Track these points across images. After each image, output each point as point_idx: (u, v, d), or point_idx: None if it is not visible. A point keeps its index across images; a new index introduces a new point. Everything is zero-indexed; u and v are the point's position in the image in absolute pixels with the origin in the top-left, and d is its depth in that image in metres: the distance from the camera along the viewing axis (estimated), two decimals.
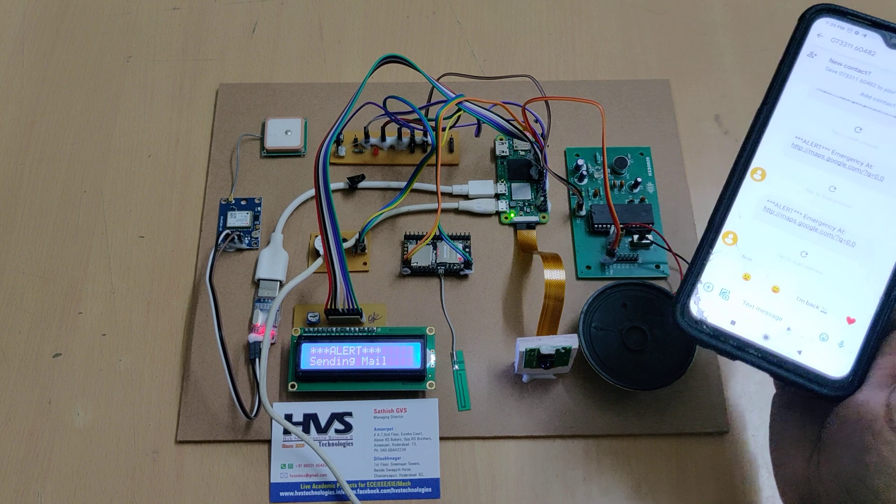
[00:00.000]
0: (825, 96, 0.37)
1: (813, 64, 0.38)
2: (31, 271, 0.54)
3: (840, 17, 0.38)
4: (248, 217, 0.54)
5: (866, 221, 0.35)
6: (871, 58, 0.37)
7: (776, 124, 0.37)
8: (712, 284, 0.36)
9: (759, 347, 0.35)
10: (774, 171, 0.37)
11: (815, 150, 0.37)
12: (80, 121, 0.59)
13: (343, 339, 0.49)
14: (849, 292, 0.35)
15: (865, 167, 0.36)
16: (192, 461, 0.48)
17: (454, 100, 0.49)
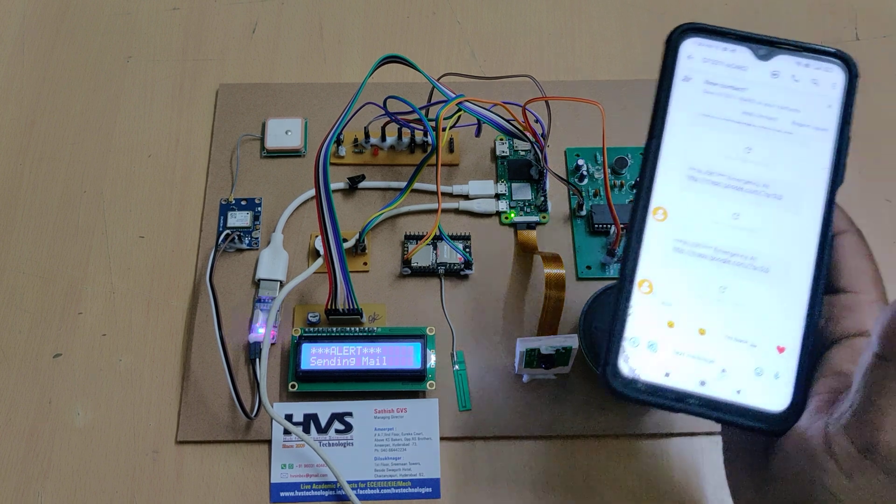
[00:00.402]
0: (709, 120, 0.36)
1: (690, 88, 0.36)
2: (31, 271, 0.54)
3: (706, 35, 0.37)
4: (249, 217, 0.54)
5: (774, 244, 0.34)
6: (743, 73, 0.36)
7: (667, 158, 0.35)
8: (638, 339, 0.34)
9: (699, 395, 0.33)
10: (675, 208, 0.35)
11: (711, 179, 0.35)
12: (80, 121, 0.59)
13: (343, 339, 0.49)
14: (773, 320, 0.34)
15: (763, 188, 0.35)
16: (193, 461, 0.48)
17: (454, 100, 0.49)
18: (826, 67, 0.35)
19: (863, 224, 0.56)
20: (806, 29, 0.62)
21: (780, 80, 0.36)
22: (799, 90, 0.36)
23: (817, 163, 0.35)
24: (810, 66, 0.36)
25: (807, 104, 0.35)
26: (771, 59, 0.36)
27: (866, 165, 0.57)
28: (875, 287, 0.34)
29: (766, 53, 0.36)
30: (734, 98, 0.36)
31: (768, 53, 0.36)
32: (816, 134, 0.35)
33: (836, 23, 0.63)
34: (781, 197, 0.35)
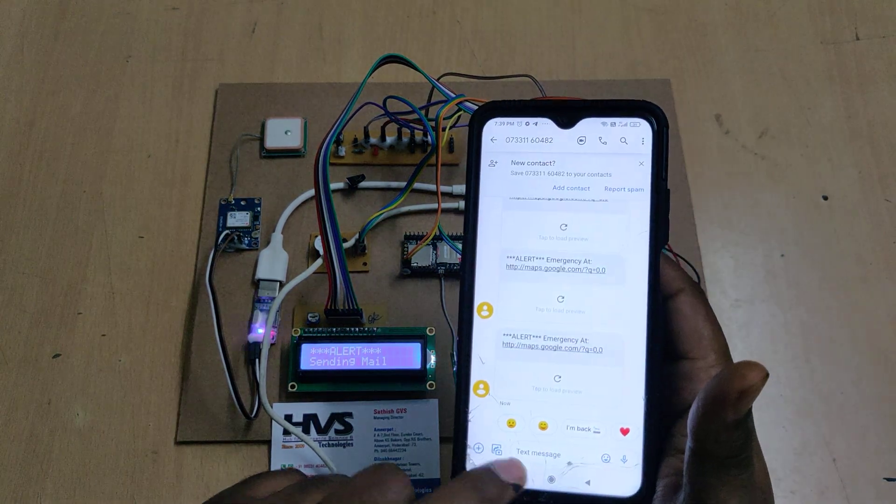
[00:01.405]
0: (520, 203, 0.34)
1: (497, 173, 0.34)
2: (31, 271, 0.54)
3: (505, 113, 0.34)
4: (248, 217, 0.54)
5: (604, 322, 0.32)
6: (549, 146, 0.34)
7: (484, 250, 0.34)
8: (482, 444, 0.33)
9: (549, 492, 0.32)
10: (499, 301, 0.33)
11: (530, 265, 0.33)
12: (80, 121, 0.59)
13: (343, 340, 0.49)
14: (614, 402, 0.32)
15: (584, 264, 0.33)
16: (192, 462, 0.48)
17: (454, 100, 0.49)
18: (632, 123, 0.33)
19: (862, 224, 0.56)
20: (806, 29, 0.62)
21: (588, 146, 0.34)
22: (608, 153, 0.33)
23: (636, 226, 0.33)
24: (616, 124, 0.33)
25: (617, 167, 0.33)
26: (575, 125, 0.34)
27: (866, 165, 0.57)
28: (714, 351, 0.32)
29: (568, 121, 0.34)
30: (542, 174, 0.34)
31: (570, 120, 0.34)
32: (631, 196, 0.33)
33: (836, 23, 0.63)
34: (604, 270, 0.33)
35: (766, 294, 0.53)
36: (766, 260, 0.54)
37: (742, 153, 0.58)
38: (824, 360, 0.51)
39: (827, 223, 0.55)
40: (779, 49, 0.62)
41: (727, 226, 0.55)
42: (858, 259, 0.54)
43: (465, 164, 0.56)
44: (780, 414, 0.50)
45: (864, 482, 0.48)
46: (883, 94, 0.60)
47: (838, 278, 0.54)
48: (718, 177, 0.57)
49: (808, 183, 0.57)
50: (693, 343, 0.32)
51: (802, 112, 0.59)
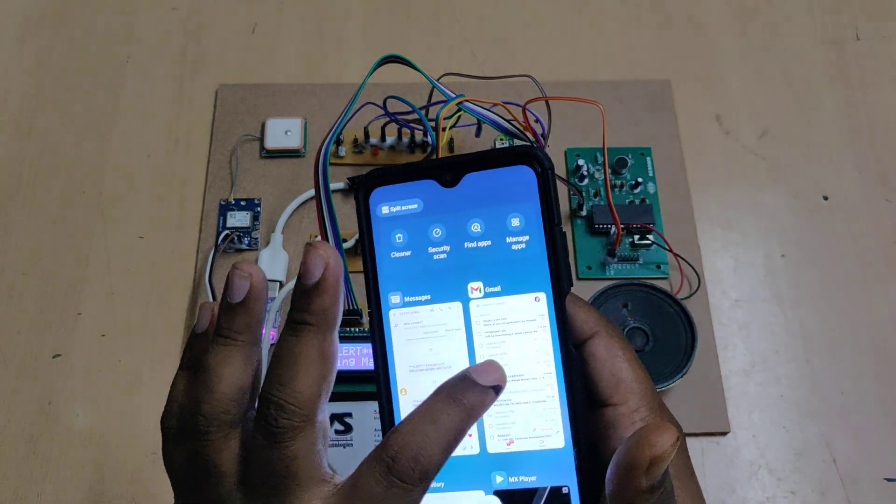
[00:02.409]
0: (417, 281, 0.33)
1: (389, 256, 0.34)
2: (31, 271, 0.54)
3: (387, 182, 0.33)
4: (248, 217, 0.54)
5: (520, 375, 0.31)
6: (436, 206, 0.32)
7: (394, 355, 0.32)
8: None
9: None
10: (413, 385, 0.32)
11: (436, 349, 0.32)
12: (80, 121, 0.59)
13: (343, 340, 0.49)
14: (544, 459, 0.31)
15: (492, 325, 0.31)
16: None
17: (454, 100, 0.49)
18: (516, 171, 0.32)
19: (862, 224, 0.56)
20: (806, 29, 0.62)
21: (474, 201, 0.32)
22: (495, 205, 0.32)
23: (537, 276, 0.31)
24: (502, 174, 0.32)
25: (507, 217, 0.32)
26: (459, 182, 0.32)
27: (866, 165, 0.57)
28: (634, 393, 0.30)
29: (452, 178, 0.32)
30: (435, 246, 0.32)
31: (454, 178, 0.32)
32: (528, 244, 0.31)
33: (836, 23, 0.63)
34: (508, 330, 0.31)
35: (766, 294, 0.53)
36: (767, 260, 0.54)
37: (742, 153, 0.58)
38: (824, 360, 0.51)
39: (827, 223, 0.55)
40: (779, 49, 0.62)
41: (727, 226, 0.55)
42: (858, 259, 0.54)
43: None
44: (780, 414, 0.50)
45: (864, 482, 0.48)
46: (883, 94, 0.60)
47: (838, 278, 0.54)
48: (718, 177, 0.57)
49: (808, 183, 0.57)
50: (612, 388, 0.30)
51: (802, 112, 0.59)
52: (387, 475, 0.26)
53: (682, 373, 0.47)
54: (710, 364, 0.50)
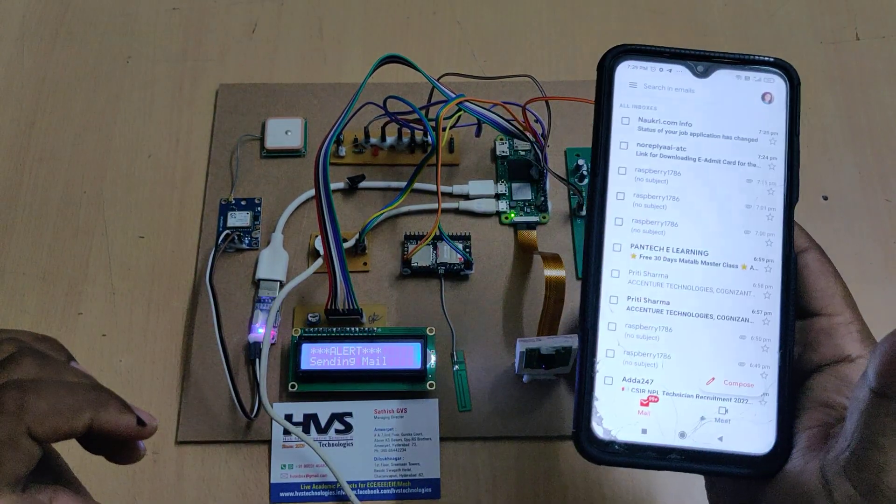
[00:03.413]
0: (651, 160, 0.33)
1: (629, 129, 0.34)
2: (31, 271, 0.54)
3: (641, 56, 0.34)
4: (248, 217, 0.54)
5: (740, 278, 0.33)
6: (689, 96, 0.34)
7: (612, 213, 0.33)
8: (609, 399, 0.32)
9: (681, 449, 0.31)
10: (633, 265, 0.33)
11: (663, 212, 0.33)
12: (80, 121, 0.59)
13: (343, 340, 0.49)
14: (746, 359, 0.32)
15: (720, 222, 0.33)
16: (193, 462, 0.48)
17: (454, 100, 0.49)
18: (767, 78, 0.34)
19: (862, 224, 0.56)
20: (806, 29, 0.62)
21: (722, 98, 0.34)
22: (741, 106, 0.34)
23: (772, 181, 0.33)
24: (751, 78, 0.34)
25: (752, 121, 0.33)
26: (710, 75, 0.34)
27: (866, 165, 0.57)
28: (848, 307, 0.32)
29: (704, 70, 0.34)
30: (675, 134, 0.33)
31: (707, 70, 0.34)
32: (768, 150, 0.33)
33: (836, 23, 0.63)
34: (742, 227, 0.33)
35: None
36: None
37: None
38: None
39: (827, 223, 0.55)
40: (779, 49, 0.62)
41: None
42: (858, 259, 0.54)
43: (465, 165, 0.56)
44: None
45: None
46: (883, 94, 0.60)
47: None
48: None
49: (808, 183, 0.57)
50: (828, 300, 0.32)
51: (802, 112, 0.59)
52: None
53: None
54: None
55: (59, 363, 0.31)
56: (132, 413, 0.31)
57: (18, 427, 0.28)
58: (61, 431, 0.29)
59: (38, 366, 0.30)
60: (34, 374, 0.30)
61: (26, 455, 0.29)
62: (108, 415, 0.30)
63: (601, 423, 0.31)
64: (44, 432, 0.29)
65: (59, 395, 0.29)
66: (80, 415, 0.30)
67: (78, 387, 0.30)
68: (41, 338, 0.33)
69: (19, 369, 0.30)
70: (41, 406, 0.29)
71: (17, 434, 0.28)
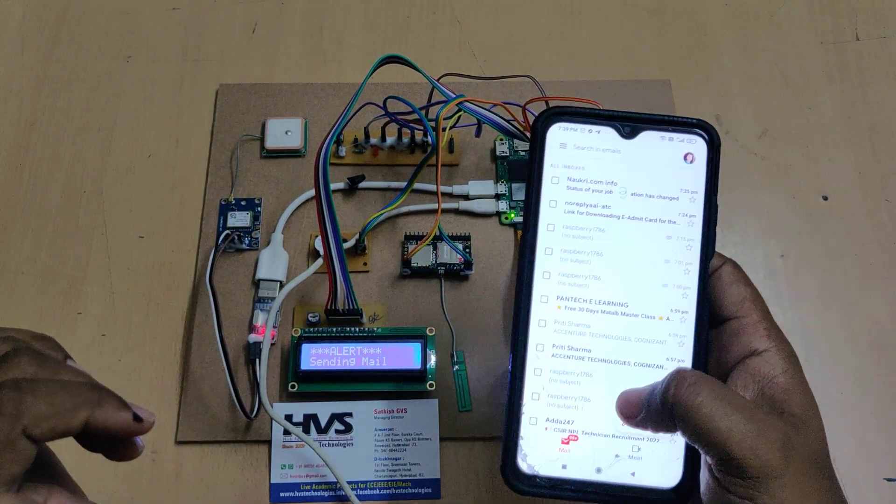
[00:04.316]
0: (578, 227, 0.35)
1: (557, 189, 0.35)
2: (31, 271, 0.54)
3: (570, 118, 0.36)
4: (248, 217, 0.54)
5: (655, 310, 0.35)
6: (615, 156, 0.35)
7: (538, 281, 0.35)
8: (533, 438, 0.34)
9: (597, 483, 0.34)
10: (555, 315, 0.35)
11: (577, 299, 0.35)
12: (80, 121, 0.59)
13: (343, 340, 0.49)
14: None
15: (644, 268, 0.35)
16: (192, 462, 0.48)
17: (454, 100, 0.49)
18: (689, 139, 0.35)
19: (862, 224, 0.56)
20: (806, 29, 0.62)
21: (647, 158, 0.35)
22: (664, 166, 0.35)
23: (690, 238, 0.35)
24: (674, 139, 0.35)
25: (673, 180, 0.35)
26: (636, 136, 0.35)
27: (866, 165, 0.57)
28: (756, 309, 0.35)
29: (630, 131, 0.35)
30: (601, 193, 0.35)
31: (633, 130, 0.35)
32: (687, 208, 0.35)
33: (836, 23, 0.63)
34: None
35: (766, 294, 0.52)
36: (766, 260, 0.54)
37: (742, 153, 0.58)
38: (824, 360, 0.51)
39: (827, 223, 0.55)
40: (779, 49, 0.62)
41: (727, 226, 0.55)
42: (858, 259, 0.54)
43: (465, 165, 0.56)
44: None
45: (864, 482, 0.48)
46: (883, 94, 0.60)
47: (838, 278, 0.54)
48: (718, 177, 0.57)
49: (808, 183, 0.57)
50: (737, 305, 0.34)
51: (802, 112, 0.59)
52: None
53: None
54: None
55: (56, 362, 0.31)
56: (129, 410, 0.31)
57: (15, 428, 0.28)
58: (58, 431, 0.29)
59: (35, 365, 0.30)
60: (31, 373, 0.30)
61: (22, 455, 0.28)
62: (105, 413, 0.30)
63: (525, 460, 0.34)
64: (40, 432, 0.29)
65: (55, 395, 0.29)
66: (77, 414, 0.30)
67: (74, 385, 0.30)
68: (38, 336, 0.33)
69: (16, 369, 0.30)
70: (38, 407, 0.29)
71: (13, 435, 0.28)
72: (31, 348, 0.31)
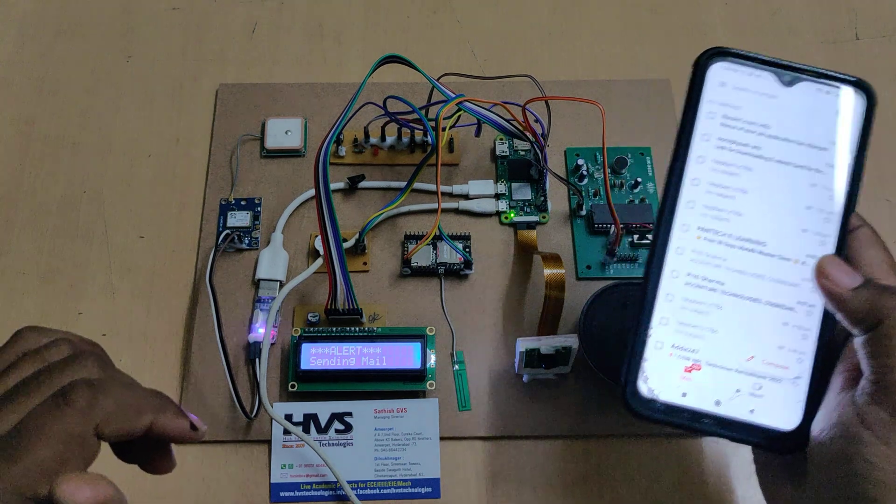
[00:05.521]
0: (727, 160, 0.36)
1: (712, 125, 0.36)
2: (31, 271, 0.54)
3: (733, 59, 0.37)
4: (248, 217, 0.54)
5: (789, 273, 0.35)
6: (769, 101, 0.37)
7: (687, 195, 0.36)
8: (656, 362, 0.35)
9: (713, 415, 0.34)
10: (695, 244, 0.36)
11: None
12: (80, 121, 0.59)
13: (343, 339, 0.49)
14: (784, 342, 0.35)
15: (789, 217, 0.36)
16: (192, 461, 0.48)
17: (454, 100, 0.49)
18: (847, 94, 0.36)
19: None
20: (806, 29, 0.62)
21: (802, 107, 0.36)
22: (818, 117, 0.36)
23: (834, 189, 0.36)
24: (831, 93, 0.36)
25: (825, 131, 0.36)
26: (794, 85, 0.37)
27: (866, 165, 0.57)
28: (892, 273, 0.35)
29: (790, 80, 0.37)
30: (753, 134, 0.36)
31: (792, 80, 0.37)
32: (835, 160, 0.36)
33: (836, 23, 0.63)
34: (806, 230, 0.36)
35: None
36: None
37: None
38: None
39: None
40: (779, 49, 0.62)
41: None
42: None
43: (464, 165, 0.56)
44: None
45: None
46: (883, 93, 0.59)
47: None
48: None
49: None
50: (872, 267, 0.34)
51: None
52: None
53: None
54: None
55: (114, 366, 0.32)
56: (186, 418, 0.32)
57: (88, 424, 0.29)
58: (124, 431, 0.30)
59: (99, 368, 0.31)
60: (97, 374, 0.31)
61: (90, 452, 0.29)
62: (166, 418, 0.31)
63: (647, 382, 0.35)
64: (109, 431, 0.30)
65: (124, 397, 0.30)
66: (142, 417, 0.30)
67: (139, 389, 0.31)
68: (90, 342, 0.34)
69: (84, 370, 0.31)
70: (109, 405, 0.29)
71: (86, 432, 0.29)
72: (93, 352, 0.32)
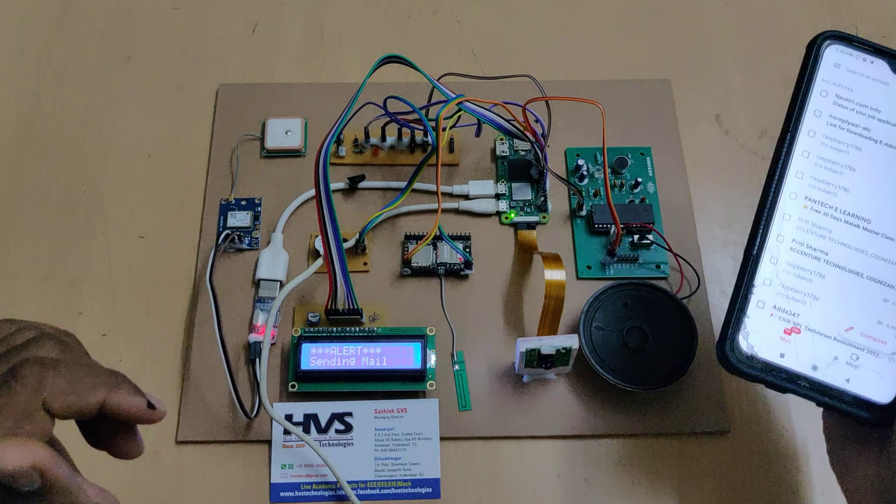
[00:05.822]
0: (839, 133, 0.38)
1: (825, 103, 0.38)
2: (31, 271, 0.54)
3: (847, 44, 0.39)
4: (249, 217, 0.54)
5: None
6: (885, 88, 0.38)
7: (798, 162, 0.38)
8: (757, 320, 0.36)
9: (809, 378, 0.35)
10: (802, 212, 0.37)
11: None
12: (80, 121, 0.59)
13: (343, 340, 0.49)
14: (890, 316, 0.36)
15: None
16: (192, 461, 0.48)
17: (454, 100, 0.49)
18: None
19: None
20: (806, 29, 0.62)
21: None
22: None
23: None
24: None
25: None
26: None
27: None
28: None
29: None
30: (864, 116, 0.38)
31: None
32: None
33: (836, 23, 0.63)
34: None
35: None
36: None
37: (742, 153, 0.58)
38: None
39: None
40: (779, 49, 0.62)
41: (727, 226, 0.55)
42: None
43: (465, 165, 0.56)
44: (780, 414, 0.50)
45: None
46: None
47: None
48: (718, 176, 0.57)
49: None
50: None
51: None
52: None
53: (683, 373, 0.48)
54: (710, 364, 0.50)
55: (78, 350, 0.33)
56: (143, 396, 0.32)
57: (35, 400, 0.29)
58: (75, 408, 0.30)
59: (58, 349, 0.32)
60: (54, 355, 0.31)
61: (39, 428, 0.30)
62: (120, 396, 0.31)
63: (747, 339, 0.36)
64: (59, 407, 0.30)
65: (75, 374, 0.30)
66: (95, 393, 0.31)
67: (94, 367, 0.31)
68: (62, 331, 0.35)
69: (39, 350, 0.31)
70: (59, 382, 0.30)
71: (32, 407, 0.29)
72: (55, 336, 0.33)
